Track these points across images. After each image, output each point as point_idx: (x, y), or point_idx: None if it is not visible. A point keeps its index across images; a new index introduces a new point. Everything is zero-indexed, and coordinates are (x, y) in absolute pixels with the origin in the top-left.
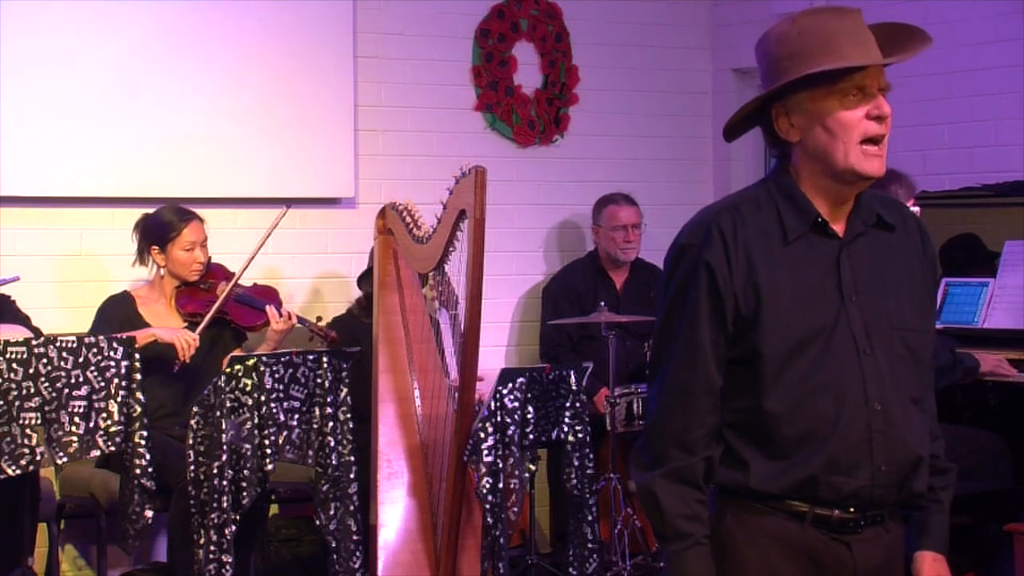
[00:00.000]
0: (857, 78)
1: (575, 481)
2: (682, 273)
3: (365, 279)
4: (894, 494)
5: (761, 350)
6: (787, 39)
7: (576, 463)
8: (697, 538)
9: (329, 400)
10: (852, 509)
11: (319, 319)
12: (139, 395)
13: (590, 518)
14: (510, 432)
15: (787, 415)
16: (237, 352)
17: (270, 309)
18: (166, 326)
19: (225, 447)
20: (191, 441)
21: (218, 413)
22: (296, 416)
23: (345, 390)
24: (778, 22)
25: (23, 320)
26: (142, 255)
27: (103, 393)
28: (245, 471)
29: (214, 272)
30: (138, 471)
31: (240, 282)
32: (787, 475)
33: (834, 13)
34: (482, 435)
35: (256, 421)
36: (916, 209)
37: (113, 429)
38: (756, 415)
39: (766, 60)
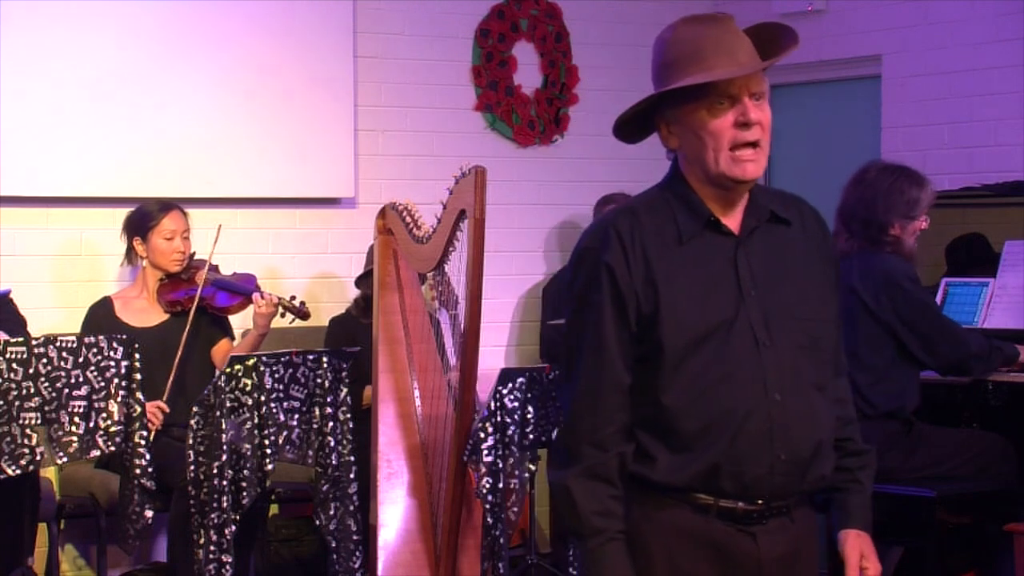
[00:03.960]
0: (722, 87)
1: None
2: (584, 276)
3: (363, 280)
4: (796, 483)
5: (662, 347)
6: (665, 48)
7: None
8: (611, 534)
9: (329, 400)
10: (760, 501)
11: (293, 297)
12: (139, 395)
13: None
14: (510, 432)
15: (687, 409)
16: (224, 343)
17: (255, 296)
18: (145, 324)
19: (225, 447)
20: (191, 441)
21: (218, 413)
22: (296, 416)
23: (345, 390)
24: (667, 27)
25: (21, 322)
26: (129, 254)
27: (103, 393)
28: (245, 471)
29: (196, 265)
30: (138, 471)
31: (220, 271)
32: (690, 467)
33: (706, 22)
34: (482, 435)
35: (256, 421)
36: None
37: (113, 429)
38: (657, 410)
39: (652, 66)
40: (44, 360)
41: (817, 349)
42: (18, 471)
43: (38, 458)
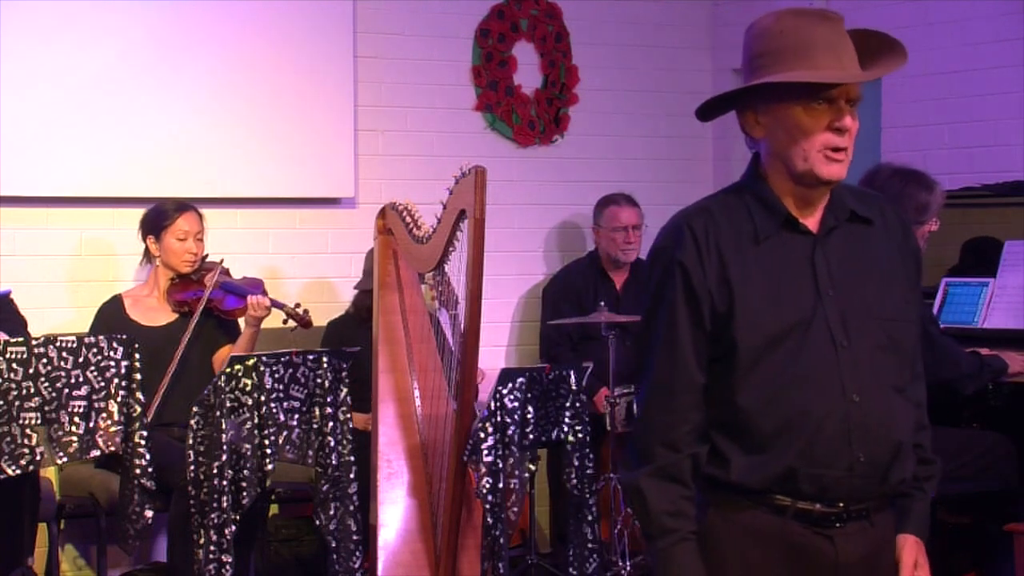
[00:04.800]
0: (823, 89)
1: (575, 481)
2: (657, 275)
3: (364, 281)
4: (876, 485)
5: (736, 346)
6: (767, 36)
7: (576, 463)
8: (683, 534)
9: (329, 400)
10: (840, 503)
11: (297, 305)
12: (139, 395)
13: (590, 518)
14: (510, 432)
15: (762, 409)
16: (225, 349)
17: (250, 297)
18: (154, 323)
19: (225, 447)
20: (191, 441)
21: (218, 413)
22: (296, 416)
23: (345, 390)
24: (767, 14)
25: (21, 322)
26: (147, 253)
27: (103, 393)
28: (245, 471)
29: (208, 267)
30: (138, 471)
31: (230, 275)
32: (765, 468)
33: (816, 18)
34: (482, 435)
35: (256, 421)
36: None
37: (113, 429)
38: (732, 410)
39: (746, 52)
40: (44, 360)
41: (897, 350)
42: (18, 471)
43: (38, 458)
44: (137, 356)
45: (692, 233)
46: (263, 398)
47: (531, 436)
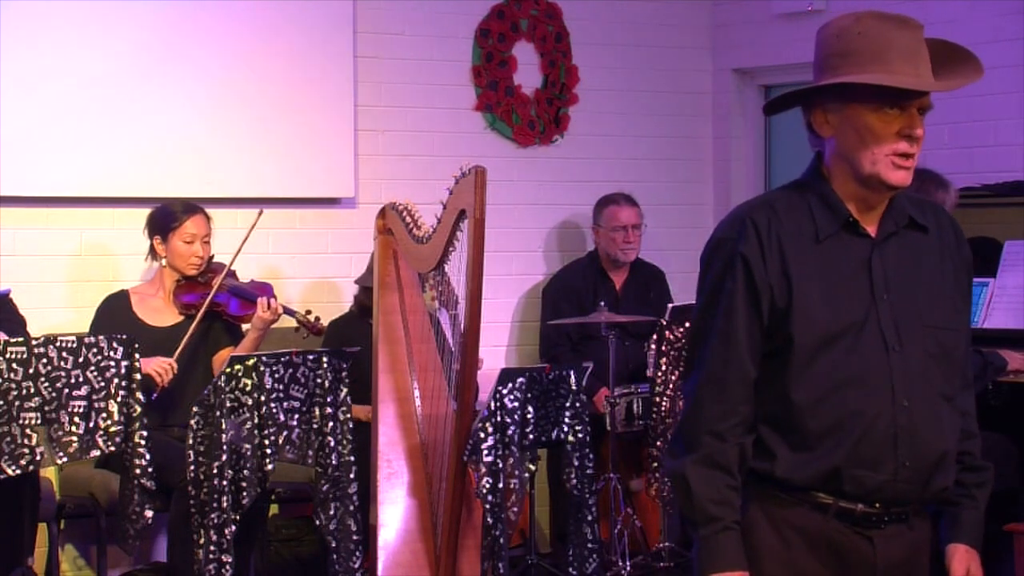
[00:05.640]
0: (897, 95)
1: (575, 481)
2: (718, 265)
3: (364, 277)
4: (918, 491)
5: (792, 342)
6: (845, 36)
7: (576, 463)
8: (727, 522)
9: (329, 400)
10: (877, 504)
11: (308, 312)
12: (139, 395)
13: (590, 518)
14: (510, 432)
15: (813, 407)
16: (225, 351)
17: (260, 300)
18: (160, 324)
19: (225, 447)
20: (191, 441)
21: (218, 413)
22: (296, 416)
23: (345, 390)
24: (845, 15)
25: (20, 322)
26: (153, 251)
27: (103, 393)
28: (245, 471)
29: (214, 269)
30: (138, 471)
31: (237, 277)
32: (811, 467)
33: (897, 24)
34: (482, 435)
35: (256, 421)
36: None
37: (113, 429)
38: (783, 406)
39: (821, 50)
40: (44, 360)
41: (947, 358)
42: (18, 471)
43: (38, 458)
44: (137, 356)
45: (755, 227)
46: (263, 398)
47: (531, 436)
